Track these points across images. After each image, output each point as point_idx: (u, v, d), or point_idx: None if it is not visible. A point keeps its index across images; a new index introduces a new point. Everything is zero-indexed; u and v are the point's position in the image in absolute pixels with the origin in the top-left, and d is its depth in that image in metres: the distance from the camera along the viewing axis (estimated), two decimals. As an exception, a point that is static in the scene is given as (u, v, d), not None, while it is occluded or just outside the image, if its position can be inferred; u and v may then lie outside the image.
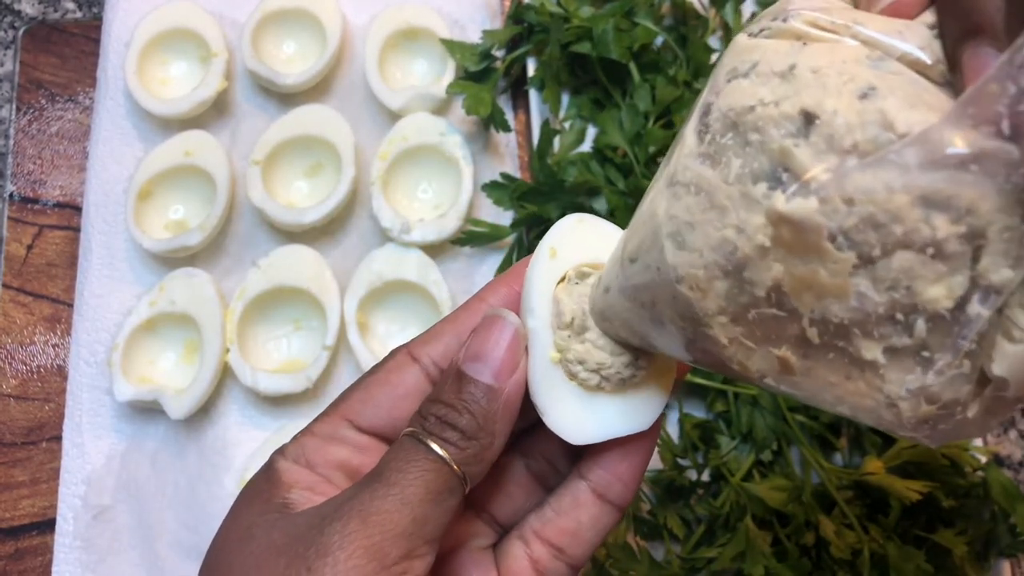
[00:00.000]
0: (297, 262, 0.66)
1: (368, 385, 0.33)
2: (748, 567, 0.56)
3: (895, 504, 0.58)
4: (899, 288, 0.22)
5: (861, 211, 0.22)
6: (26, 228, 0.71)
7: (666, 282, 0.27)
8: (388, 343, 0.66)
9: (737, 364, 0.27)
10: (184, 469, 0.63)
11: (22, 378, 0.67)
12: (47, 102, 0.74)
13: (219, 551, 0.31)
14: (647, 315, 0.29)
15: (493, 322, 0.32)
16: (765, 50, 0.26)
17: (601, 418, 0.32)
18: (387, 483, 0.29)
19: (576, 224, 0.34)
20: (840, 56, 0.24)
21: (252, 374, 0.62)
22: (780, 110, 0.24)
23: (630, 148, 0.66)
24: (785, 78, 0.24)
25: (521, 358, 0.32)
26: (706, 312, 0.26)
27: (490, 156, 0.71)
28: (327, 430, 0.33)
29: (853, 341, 0.24)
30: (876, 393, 0.24)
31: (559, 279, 0.33)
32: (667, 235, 0.26)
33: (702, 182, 0.25)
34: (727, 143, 0.25)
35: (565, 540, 0.33)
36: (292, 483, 0.31)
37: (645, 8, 0.71)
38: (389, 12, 0.73)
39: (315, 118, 0.69)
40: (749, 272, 0.24)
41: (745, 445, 0.61)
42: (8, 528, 0.63)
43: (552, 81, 0.70)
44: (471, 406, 0.30)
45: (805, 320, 0.24)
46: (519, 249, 0.67)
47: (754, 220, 0.24)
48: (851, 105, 0.23)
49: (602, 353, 0.32)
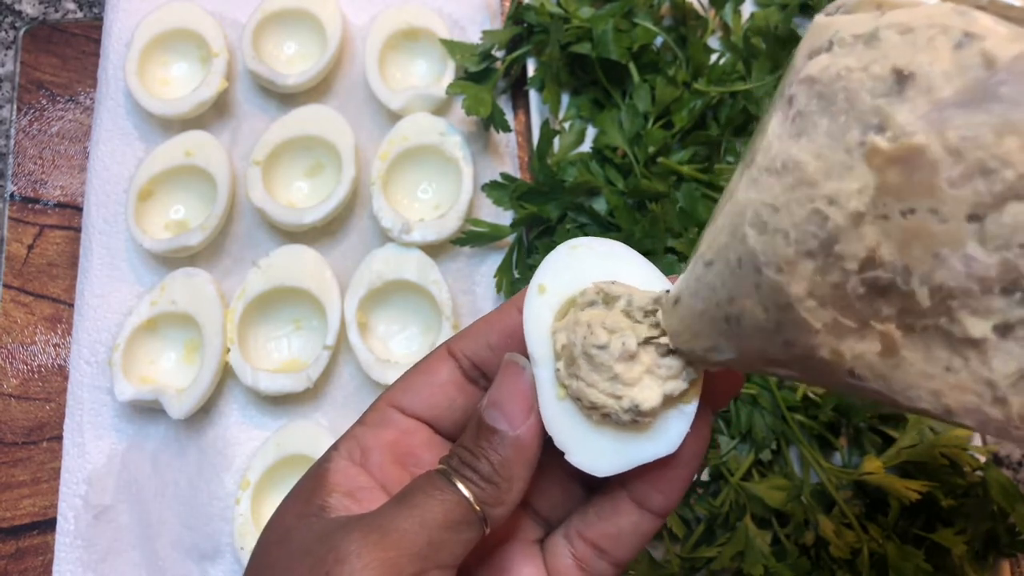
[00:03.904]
0: (297, 262, 0.66)
1: (411, 376, 0.36)
2: (747, 566, 0.57)
3: (894, 504, 0.58)
4: (1012, 247, 0.20)
5: (968, 158, 0.20)
6: (27, 228, 0.71)
7: (747, 272, 0.25)
8: (388, 343, 0.66)
9: (828, 352, 0.24)
10: (185, 469, 0.63)
11: (23, 378, 0.67)
12: (48, 102, 0.74)
13: (261, 551, 0.32)
14: (721, 315, 0.27)
15: (507, 368, 0.33)
16: (843, 24, 0.24)
17: (621, 448, 0.32)
18: (410, 505, 0.30)
19: (567, 253, 0.33)
20: (925, 13, 0.22)
21: (253, 374, 0.63)
22: (869, 73, 0.22)
23: (630, 148, 0.66)
24: (869, 44, 0.23)
25: (535, 403, 0.32)
26: (797, 296, 0.24)
27: (490, 156, 0.71)
28: (376, 418, 0.35)
29: (958, 317, 0.21)
30: (981, 386, 0.22)
31: (556, 315, 0.33)
32: (749, 223, 0.25)
33: (788, 160, 0.24)
34: (814, 117, 0.23)
35: (607, 543, 0.34)
36: (335, 486, 0.33)
37: (645, 8, 0.71)
38: (389, 13, 0.73)
39: (315, 118, 0.69)
40: (841, 244, 0.23)
41: (744, 445, 0.61)
42: (9, 527, 0.63)
43: (552, 81, 0.70)
44: (487, 452, 0.32)
45: (915, 280, 0.22)
46: (519, 249, 0.67)
47: (848, 186, 0.22)
48: (946, 56, 0.21)
49: (595, 392, 0.31)
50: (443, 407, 0.35)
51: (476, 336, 0.35)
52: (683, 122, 0.67)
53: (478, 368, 0.35)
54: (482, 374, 0.35)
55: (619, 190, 0.65)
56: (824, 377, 0.25)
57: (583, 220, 0.65)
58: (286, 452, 0.61)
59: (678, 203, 0.65)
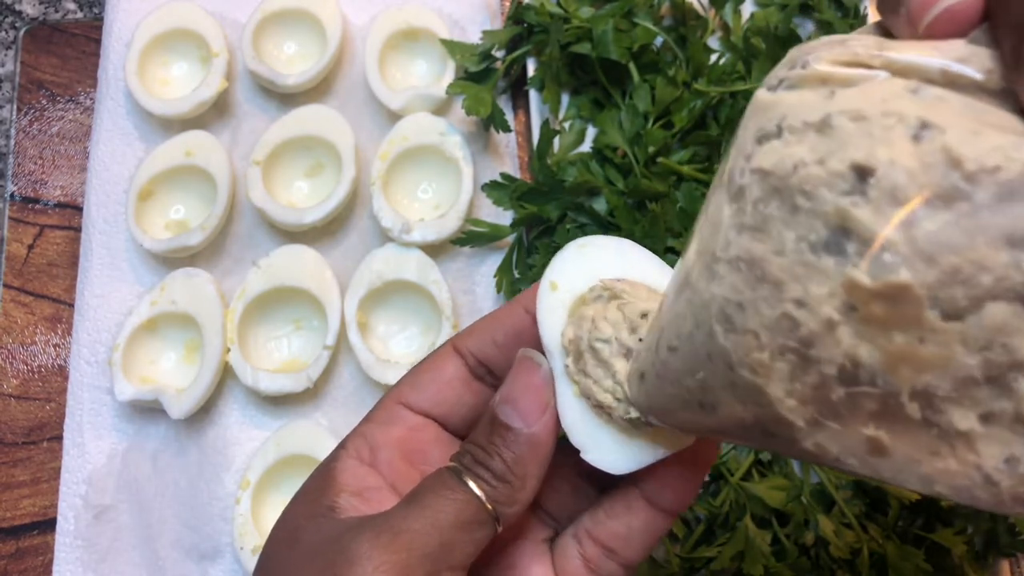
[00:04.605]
0: (297, 262, 0.66)
1: (417, 372, 0.36)
2: (747, 566, 0.57)
3: (894, 503, 0.58)
4: (994, 347, 0.20)
5: (943, 266, 0.20)
6: (27, 228, 0.71)
7: (720, 368, 0.24)
8: (388, 343, 0.66)
9: (812, 445, 0.24)
10: (185, 468, 0.63)
11: (23, 378, 0.67)
12: (48, 102, 0.74)
13: (270, 551, 0.32)
14: (694, 401, 0.26)
15: (522, 364, 0.32)
16: (790, 104, 0.23)
17: (636, 445, 0.32)
18: (421, 505, 0.30)
19: (577, 251, 0.33)
20: (876, 95, 0.21)
21: (253, 374, 0.63)
22: (827, 168, 0.21)
23: (630, 148, 0.67)
24: (822, 132, 0.22)
25: (550, 400, 0.32)
26: (776, 397, 0.23)
27: (490, 156, 0.71)
28: (383, 415, 0.35)
29: (944, 410, 0.21)
30: (970, 470, 0.22)
31: (569, 311, 0.32)
32: (715, 319, 0.24)
33: (748, 257, 0.23)
34: (772, 213, 0.22)
35: (617, 543, 0.33)
36: (343, 485, 0.32)
37: (645, 9, 0.71)
38: (389, 13, 0.73)
39: (315, 118, 0.69)
40: (817, 349, 0.22)
41: (744, 445, 0.61)
42: (9, 527, 0.63)
43: (552, 81, 0.70)
44: (501, 450, 0.31)
45: (904, 395, 0.22)
46: (519, 249, 0.67)
47: (817, 291, 0.22)
48: (906, 150, 0.20)
49: (600, 391, 0.31)
50: (451, 403, 0.35)
51: (482, 333, 0.35)
52: (683, 122, 0.67)
53: (484, 365, 0.35)
54: (488, 371, 0.35)
55: (619, 190, 0.65)
56: (807, 458, 0.25)
57: (583, 220, 0.65)
58: (286, 452, 0.61)
59: (678, 203, 0.65)
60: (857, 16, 0.73)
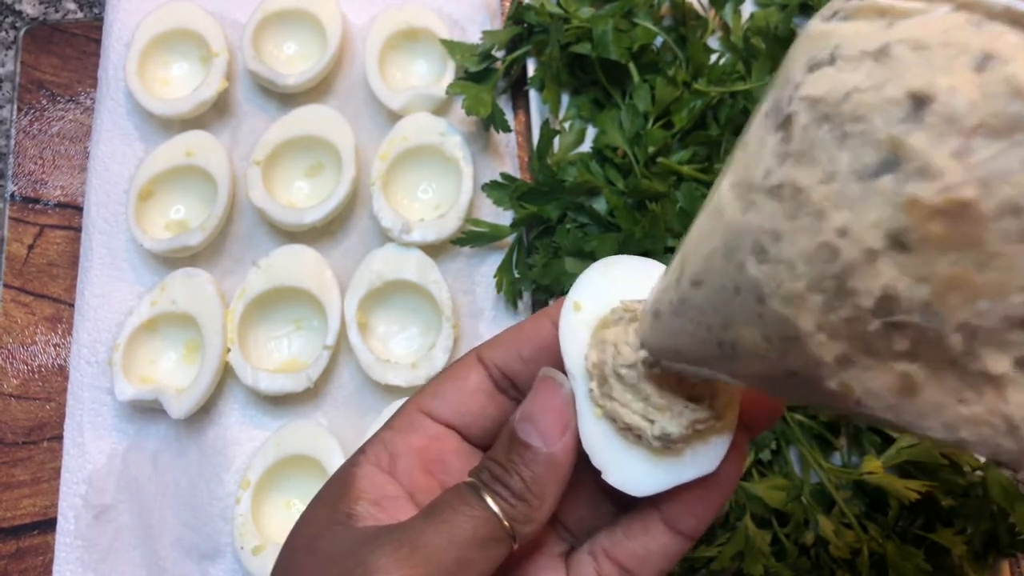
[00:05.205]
0: (298, 262, 0.66)
1: (440, 382, 0.35)
2: (747, 566, 0.57)
3: (894, 503, 0.58)
4: None
5: (1000, 195, 0.19)
6: (27, 228, 0.71)
7: (747, 301, 0.24)
8: (388, 343, 0.66)
9: (837, 384, 0.23)
10: (185, 468, 0.63)
11: (23, 378, 0.67)
12: (48, 102, 0.74)
13: (288, 555, 0.32)
14: (712, 339, 0.26)
15: (543, 383, 0.32)
16: (845, 35, 0.22)
17: (659, 468, 0.31)
18: (440, 520, 0.30)
19: (602, 271, 0.33)
20: (938, 27, 0.21)
21: (253, 374, 0.63)
22: (883, 95, 0.21)
23: (629, 148, 0.67)
24: (880, 60, 0.21)
25: (571, 421, 0.32)
26: (806, 330, 0.23)
27: (490, 156, 0.71)
28: (404, 423, 0.35)
29: (980, 353, 0.21)
30: (996, 418, 0.21)
31: (592, 333, 0.32)
32: (748, 250, 0.23)
33: (790, 185, 0.22)
34: (821, 138, 0.22)
35: (633, 563, 0.33)
36: (362, 492, 0.32)
37: (645, 9, 0.71)
38: (389, 13, 0.73)
39: (315, 118, 0.70)
40: (854, 280, 0.21)
41: (744, 445, 0.61)
42: (9, 527, 0.63)
43: (552, 81, 0.70)
44: (520, 469, 0.31)
45: (948, 326, 0.21)
46: (519, 249, 0.67)
47: (862, 219, 0.21)
48: (969, 79, 0.20)
49: (629, 413, 0.31)
50: (473, 414, 0.35)
51: (507, 346, 0.35)
52: (683, 122, 0.68)
53: (508, 378, 0.35)
54: (512, 384, 0.35)
55: (619, 190, 0.65)
56: (825, 401, 0.24)
57: (583, 220, 0.65)
58: (286, 452, 0.61)
59: (678, 203, 0.65)
60: (857, 16, 0.73)
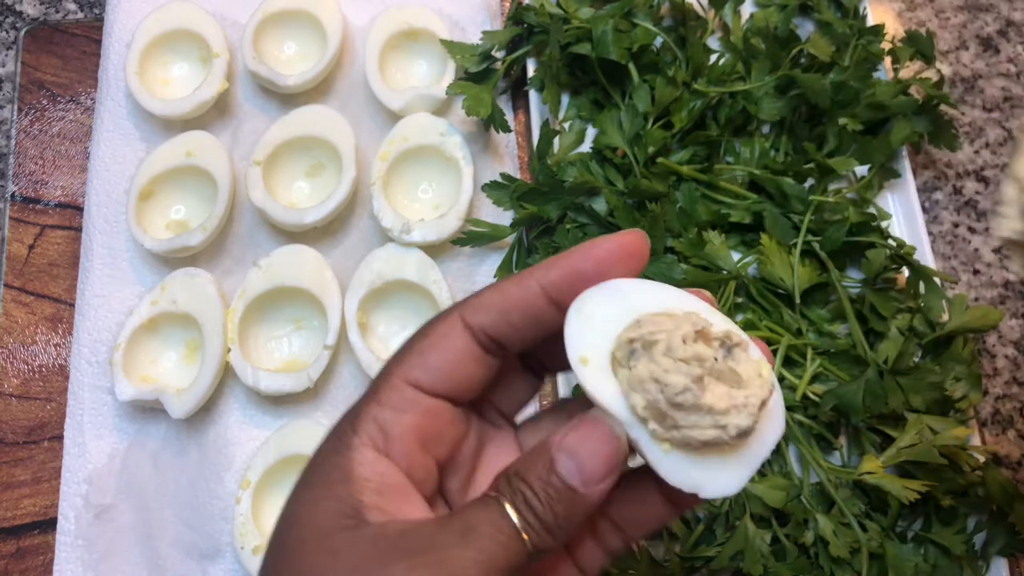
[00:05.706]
0: (298, 262, 0.66)
1: (422, 350, 0.34)
2: (747, 566, 0.57)
3: (893, 503, 0.58)
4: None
5: None
6: (28, 228, 0.71)
7: None
8: (389, 343, 0.66)
9: None
10: (185, 468, 0.63)
11: (24, 377, 0.67)
12: (48, 103, 0.74)
13: (299, 554, 0.31)
14: None
15: (596, 427, 0.32)
16: None
17: (742, 458, 0.32)
18: (468, 539, 0.30)
19: (578, 318, 0.32)
20: None
21: (253, 373, 0.63)
22: None
23: (629, 148, 0.67)
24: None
25: (615, 471, 0.32)
26: None
27: (490, 156, 0.71)
28: (394, 398, 0.33)
29: None
30: None
31: (614, 373, 0.32)
32: None
33: None
34: None
35: (625, 524, 0.35)
36: (364, 480, 0.32)
37: (644, 9, 0.71)
38: (389, 13, 0.73)
39: (316, 119, 0.70)
40: None
41: (744, 444, 0.61)
42: (10, 527, 0.63)
43: (552, 82, 0.70)
44: (554, 503, 0.31)
45: None
46: (519, 249, 0.67)
47: None
48: None
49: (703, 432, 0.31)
50: (462, 380, 0.34)
51: (491, 309, 0.33)
52: (683, 122, 0.68)
53: (495, 340, 0.34)
54: (501, 345, 0.34)
55: (619, 190, 0.66)
56: None
57: (583, 220, 0.66)
58: (286, 452, 0.61)
59: (678, 203, 0.65)
60: (856, 16, 0.73)
